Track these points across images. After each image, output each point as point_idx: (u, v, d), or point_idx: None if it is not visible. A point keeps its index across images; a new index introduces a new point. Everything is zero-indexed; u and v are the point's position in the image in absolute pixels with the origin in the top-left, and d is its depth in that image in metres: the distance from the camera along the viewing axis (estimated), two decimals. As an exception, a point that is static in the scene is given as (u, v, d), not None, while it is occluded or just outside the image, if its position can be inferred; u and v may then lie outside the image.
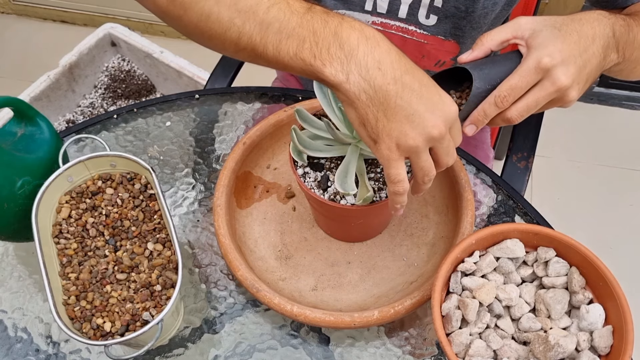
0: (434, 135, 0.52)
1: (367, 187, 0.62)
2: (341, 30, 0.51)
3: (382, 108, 0.51)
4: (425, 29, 0.81)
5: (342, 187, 0.61)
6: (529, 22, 0.60)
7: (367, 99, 0.51)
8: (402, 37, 0.82)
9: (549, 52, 0.57)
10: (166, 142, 0.86)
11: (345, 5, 0.81)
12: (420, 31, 0.81)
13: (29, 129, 0.71)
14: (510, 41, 0.60)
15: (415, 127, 0.51)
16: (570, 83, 0.58)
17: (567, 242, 0.62)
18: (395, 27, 0.82)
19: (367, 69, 0.50)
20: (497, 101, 0.58)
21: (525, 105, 0.58)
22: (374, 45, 0.51)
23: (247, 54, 0.55)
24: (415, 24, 0.81)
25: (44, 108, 1.50)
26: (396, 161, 0.53)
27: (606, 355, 0.59)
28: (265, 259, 0.74)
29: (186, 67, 1.50)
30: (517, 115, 0.59)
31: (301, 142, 0.63)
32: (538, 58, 0.57)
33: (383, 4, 0.79)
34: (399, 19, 0.80)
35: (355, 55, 0.50)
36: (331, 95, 0.64)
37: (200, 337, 0.71)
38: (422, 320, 0.71)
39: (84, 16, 2.06)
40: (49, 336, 0.71)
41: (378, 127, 0.51)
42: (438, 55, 0.84)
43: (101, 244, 0.68)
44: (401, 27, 0.81)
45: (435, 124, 0.51)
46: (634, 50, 0.64)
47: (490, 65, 0.59)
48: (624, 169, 1.74)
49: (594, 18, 0.61)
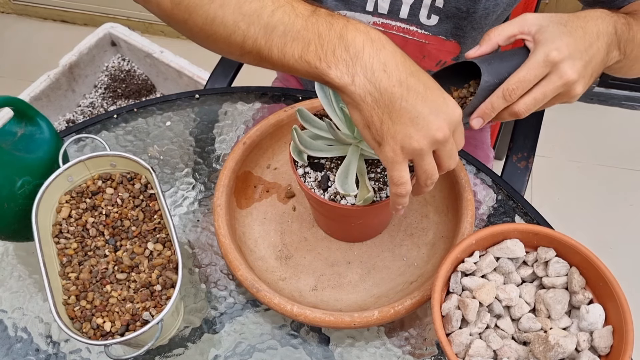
0: (438, 138, 0.52)
1: (368, 187, 0.62)
2: (346, 32, 0.51)
3: (387, 110, 0.51)
4: (427, 29, 0.81)
5: (343, 187, 0.61)
6: (535, 18, 0.60)
7: (373, 102, 0.51)
8: (403, 38, 0.82)
9: (557, 47, 0.57)
10: (166, 142, 0.86)
11: (346, 6, 0.81)
12: (421, 31, 0.81)
13: (29, 129, 0.71)
14: (516, 36, 0.61)
15: (420, 129, 0.51)
16: (576, 77, 0.58)
17: (567, 242, 0.62)
18: (396, 28, 0.82)
19: (373, 71, 0.50)
20: (505, 94, 0.58)
21: (532, 99, 0.59)
22: (380, 47, 0.51)
23: (252, 57, 0.56)
24: (416, 24, 0.81)
25: (44, 108, 1.50)
26: (400, 164, 0.53)
27: (606, 355, 0.59)
28: (265, 259, 0.74)
29: (186, 67, 1.50)
30: (525, 108, 0.59)
31: (302, 142, 0.63)
32: (546, 52, 0.57)
33: (384, 5, 0.79)
34: (400, 19, 0.80)
35: (361, 58, 0.50)
36: (332, 95, 0.64)
37: (200, 337, 0.71)
38: (422, 320, 0.71)
39: (84, 16, 2.06)
40: (49, 336, 0.71)
41: (383, 130, 0.52)
42: (439, 56, 0.84)
43: (101, 244, 0.68)
44: (402, 27, 0.81)
45: (440, 127, 0.51)
46: (633, 47, 0.65)
47: (498, 60, 0.59)
48: (624, 169, 1.74)
49: (597, 16, 0.62)
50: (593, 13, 0.62)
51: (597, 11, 0.63)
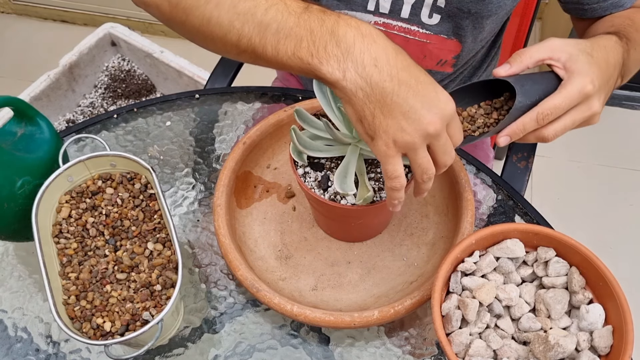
0: (430, 132, 0.52)
1: (367, 187, 0.62)
2: (337, 28, 0.51)
3: (379, 105, 0.51)
4: (428, 28, 0.81)
5: (342, 187, 0.61)
6: (563, 45, 0.62)
7: (364, 96, 0.51)
8: (405, 38, 0.82)
9: (591, 79, 0.60)
10: (166, 142, 0.86)
11: (347, 6, 0.81)
12: (422, 31, 0.81)
13: (29, 129, 0.71)
14: (545, 61, 0.63)
15: (412, 123, 0.52)
16: (601, 109, 0.63)
17: (567, 242, 0.62)
18: (397, 28, 0.82)
19: (364, 66, 0.51)
20: (538, 117, 0.60)
21: (562, 125, 0.61)
22: (370, 42, 0.51)
23: (248, 55, 0.56)
24: (417, 24, 0.81)
25: (44, 108, 1.50)
26: (393, 157, 0.53)
27: (606, 355, 0.59)
28: (265, 258, 0.74)
29: (186, 66, 1.50)
30: (553, 134, 0.61)
31: (301, 143, 0.63)
32: (583, 84, 0.60)
33: (385, 4, 0.79)
34: (401, 19, 0.80)
35: (352, 53, 0.51)
36: (330, 95, 0.64)
37: (200, 336, 0.71)
38: (422, 320, 0.71)
39: (84, 16, 2.06)
40: (49, 336, 0.71)
41: (375, 124, 0.52)
42: (440, 55, 0.85)
43: (101, 244, 0.68)
44: (403, 27, 0.81)
45: (432, 121, 0.52)
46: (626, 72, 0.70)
47: (530, 83, 0.61)
48: (624, 169, 1.74)
49: (612, 46, 0.65)
50: (609, 42, 0.65)
51: (611, 40, 0.66)
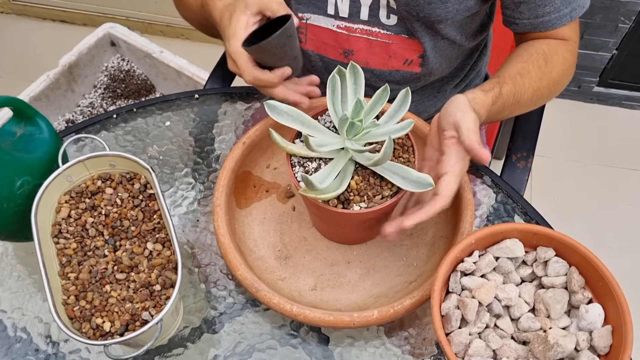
0: None
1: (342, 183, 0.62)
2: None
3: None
4: (388, 29, 0.82)
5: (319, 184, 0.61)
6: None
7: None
8: (367, 40, 0.83)
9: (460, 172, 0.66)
10: (166, 142, 0.86)
11: (309, 9, 0.83)
12: (383, 32, 0.82)
13: (29, 129, 0.71)
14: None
15: None
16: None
17: (567, 241, 0.62)
18: (359, 30, 0.82)
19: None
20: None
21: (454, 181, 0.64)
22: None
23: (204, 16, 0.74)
24: (378, 25, 0.82)
25: (44, 108, 1.50)
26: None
27: (605, 355, 0.59)
28: (264, 258, 0.74)
29: (186, 66, 1.50)
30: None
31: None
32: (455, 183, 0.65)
33: (344, 8, 0.81)
34: (361, 21, 0.82)
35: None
36: (341, 90, 0.65)
37: (199, 336, 0.71)
38: (421, 320, 0.71)
39: (84, 16, 2.06)
40: (48, 336, 0.71)
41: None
42: (405, 54, 0.84)
43: (101, 244, 0.68)
44: (365, 29, 0.82)
45: None
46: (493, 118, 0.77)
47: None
48: (624, 169, 1.74)
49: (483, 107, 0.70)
50: (482, 108, 0.70)
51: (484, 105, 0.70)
